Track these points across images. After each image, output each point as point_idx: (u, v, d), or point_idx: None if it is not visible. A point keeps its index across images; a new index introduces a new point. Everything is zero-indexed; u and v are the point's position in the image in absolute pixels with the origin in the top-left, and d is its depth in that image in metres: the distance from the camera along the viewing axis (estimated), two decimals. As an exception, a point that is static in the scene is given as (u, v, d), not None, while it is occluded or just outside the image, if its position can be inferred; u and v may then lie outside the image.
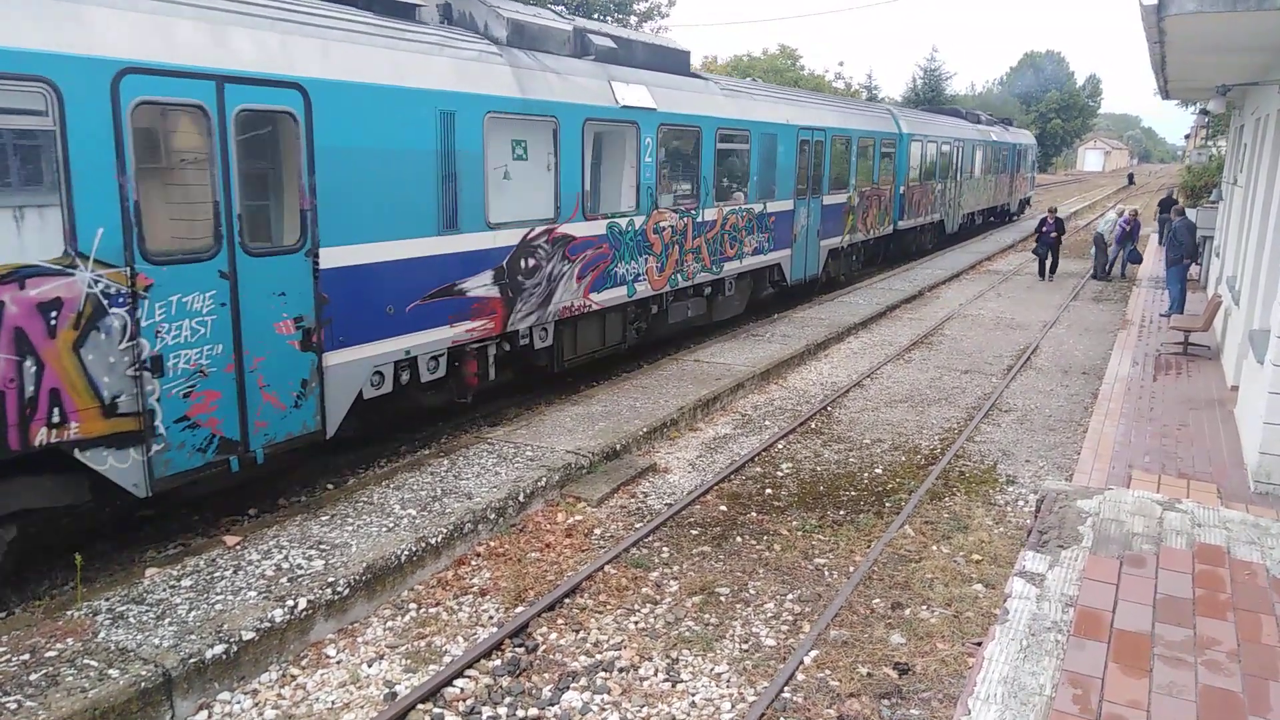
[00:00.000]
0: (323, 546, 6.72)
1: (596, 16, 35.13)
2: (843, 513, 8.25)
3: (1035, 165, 45.69)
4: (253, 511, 8.16)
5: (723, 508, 8.31)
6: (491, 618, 6.35)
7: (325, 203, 7.58)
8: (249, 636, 5.57)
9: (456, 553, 7.19)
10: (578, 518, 7.99)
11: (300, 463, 8.59)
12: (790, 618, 6.39)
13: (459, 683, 5.55)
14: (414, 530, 7.03)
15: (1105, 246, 23.30)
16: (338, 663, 5.80)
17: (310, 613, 5.97)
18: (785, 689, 5.50)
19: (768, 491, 8.73)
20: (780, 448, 10.01)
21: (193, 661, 5.26)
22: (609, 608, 6.47)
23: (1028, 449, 10.03)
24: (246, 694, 5.45)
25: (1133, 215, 23.39)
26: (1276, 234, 9.08)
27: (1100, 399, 10.53)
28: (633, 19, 36.46)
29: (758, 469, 9.33)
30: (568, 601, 6.53)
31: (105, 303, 6.10)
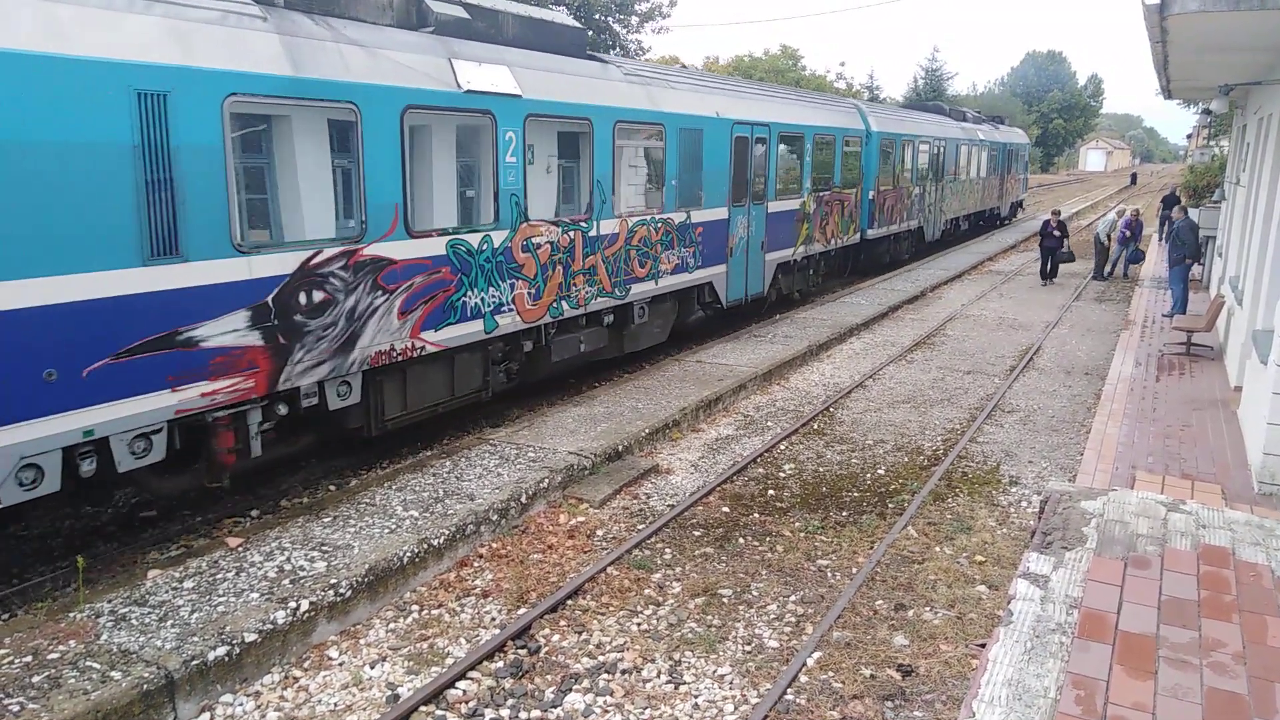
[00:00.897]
0: (325, 548, 6.71)
1: (598, 17, 35.11)
2: (845, 514, 8.23)
3: (1028, 165, 44.10)
4: (255, 513, 8.16)
5: (725, 509, 8.30)
6: (494, 619, 6.35)
7: None
8: (251, 638, 5.56)
9: (459, 554, 7.19)
10: (580, 519, 7.98)
11: (301, 469, 8.58)
12: (793, 619, 6.37)
13: (461, 684, 5.55)
14: (416, 531, 7.02)
15: (1105, 247, 23.27)
16: (340, 664, 5.80)
17: (312, 614, 5.96)
18: (788, 691, 5.49)
19: (770, 492, 8.71)
20: (783, 448, 10.00)
21: (195, 663, 5.25)
22: (611, 609, 6.46)
23: (1031, 450, 10.02)
24: (249, 696, 5.45)
25: (1134, 215, 23.33)
26: (1279, 234, 9.07)
27: (1103, 399, 10.51)
28: (634, 19, 36.41)
29: (760, 470, 9.32)
30: (570, 603, 6.52)
31: None
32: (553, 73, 10.35)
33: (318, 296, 7.75)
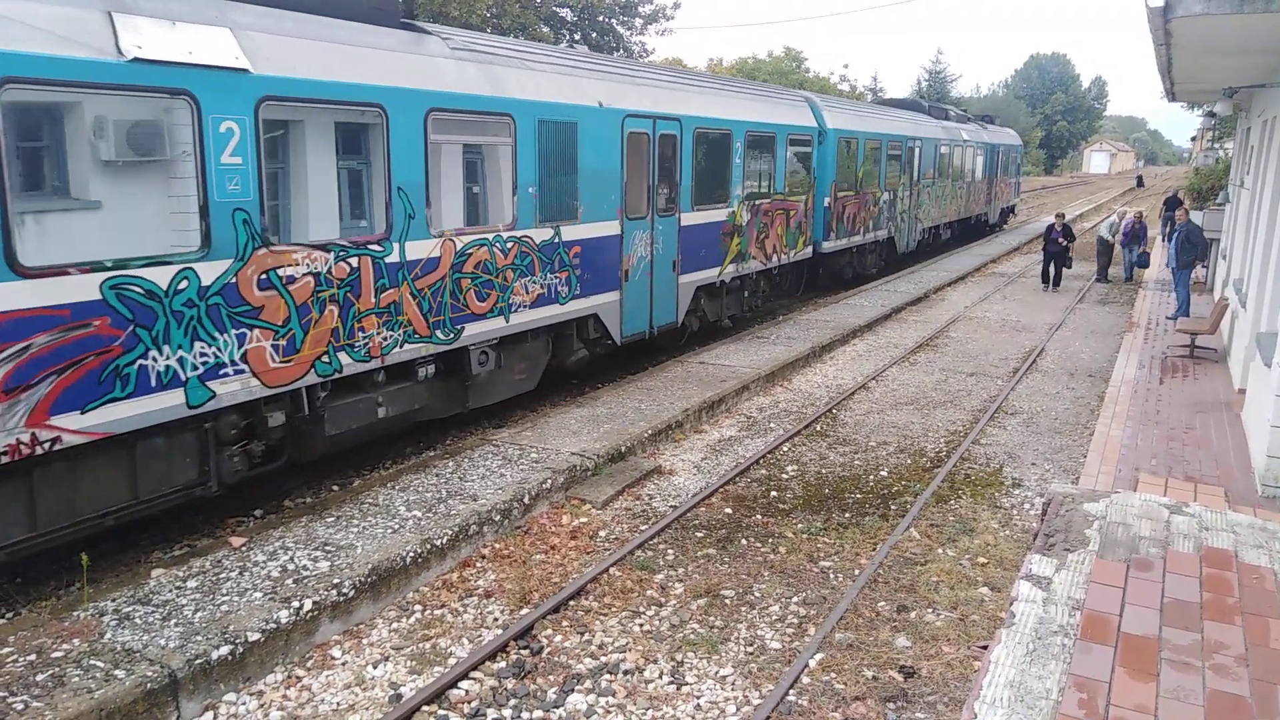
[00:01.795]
0: (328, 548, 6.73)
1: (602, 19, 35.11)
2: (848, 515, 8.24)
3: (1020, 168, 40.92)
4: (258, 513, 8.18)
5: (728, 510, 8.30)
6: (496, 620, 6.36)
7: None
8: (254, 638, 5.58)
9: (461, 554, 7.20)
10: (582, 520, 7.99)
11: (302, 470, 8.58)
12: (795, 620, 6.38)
13: (464, 685, 5.56)
14: (419, 532, 7.04)
15: (1109, 245, 23.21)
16: (343, 664, 5.81)
17: (316, 614, 5.98)
18: (790, 692, 5.50)
19: (773, 494, 8.72)
20: (785, 450, 10.00)
21: (199, 662, 5.27)
22: (614, 610, 6.47)
23: (1034, 452, 10.01)
24: (252, 695, 5.46)
25: (1137, 218, 23.23)
26: (1284, 237, 9.06)
27: (1106, 402, 10.51)
28: (638, 21, 36.39)
29: (763, 471, 9.32)
30: (572, 604, 6.53)
31: None
32: (319, 41, 7.63)
33: None
